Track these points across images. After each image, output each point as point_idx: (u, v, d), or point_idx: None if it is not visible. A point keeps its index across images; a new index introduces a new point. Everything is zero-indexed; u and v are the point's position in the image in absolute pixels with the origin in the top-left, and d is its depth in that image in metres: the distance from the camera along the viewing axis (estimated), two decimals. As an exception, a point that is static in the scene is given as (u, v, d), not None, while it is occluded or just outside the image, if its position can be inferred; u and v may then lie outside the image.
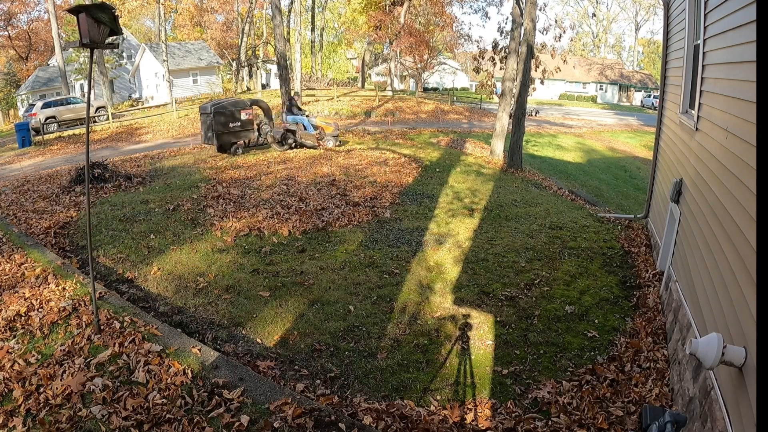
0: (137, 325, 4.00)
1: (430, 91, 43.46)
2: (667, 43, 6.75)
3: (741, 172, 2.76)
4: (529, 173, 12.68)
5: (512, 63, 13.39)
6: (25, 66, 43.71)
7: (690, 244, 4.08)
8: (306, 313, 4.75)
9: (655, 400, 3.48)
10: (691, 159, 4.50)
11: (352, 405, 3.43)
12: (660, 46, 9.01)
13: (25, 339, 3.86)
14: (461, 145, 16.54)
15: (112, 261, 5.92)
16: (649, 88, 50.52)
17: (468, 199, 9.14)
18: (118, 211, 7.70)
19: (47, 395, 3.15)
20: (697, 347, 2.28)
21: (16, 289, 4.72)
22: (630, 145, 23.84)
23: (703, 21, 4.14)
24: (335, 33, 52.81)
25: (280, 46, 15.90)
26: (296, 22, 29.27)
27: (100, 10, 3.37)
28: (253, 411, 3.06)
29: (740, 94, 2.92)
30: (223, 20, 43.75)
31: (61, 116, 22.40)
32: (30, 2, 42.35)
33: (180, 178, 10.05)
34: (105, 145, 18.29)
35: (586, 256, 6.36)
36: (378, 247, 6.45)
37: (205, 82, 36.51)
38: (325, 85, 39.70)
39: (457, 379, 3.89)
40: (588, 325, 4.66)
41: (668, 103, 6.49)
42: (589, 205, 10.02)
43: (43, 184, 10.21)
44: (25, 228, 6.96)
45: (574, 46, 62.08)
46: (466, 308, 4.98)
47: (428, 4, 33.26)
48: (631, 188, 15.27)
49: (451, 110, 28.52)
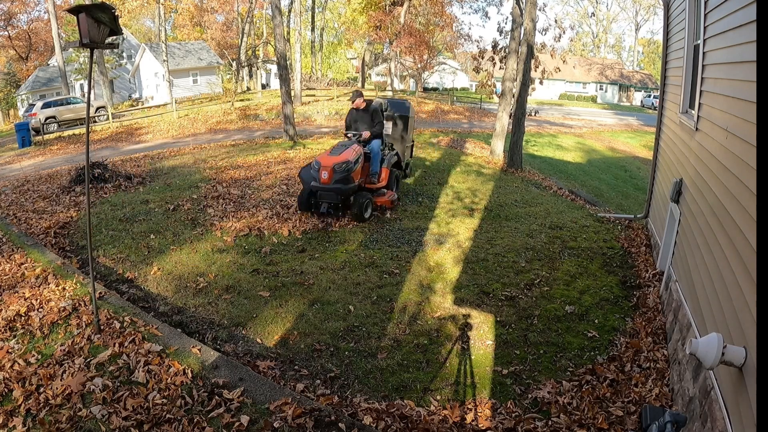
0: (137, 325, 4.00)
1: (430, 91, 43.47)
2: (667, 43, 6.75)
3: (741, 172, 2.76)
4: (529, 173, 12.68)
5: (512, 63, 13.39)
6: (25, 66, 43.72)
7: (690, 244, 4.08)
8: (306, 313, 4.75)
9: (655, 400, 3.48)
10: (691, 159, 4.50)
11: (352, 405, 3.43)
12: (660, 46, 9.01)
13: (25, 339, 3.86)
14: (461, 145, 16.54)
15: (112, 261, 5.92)
16: (649, 88, 50.54)
17: (468, 199, 9.14)
18: (118, 211, 7.70)
19: (47, 395, 3.15)
20: (697, 347, 2.28)
21: (16, 289, 4.72)
22: (630, 145, 23.85)
23: (703, 21, 4.14)
24: (335, 33, 52.84)
25: (280, 46, 15.89)
26: (296, 22, 29.29)
27: (100, 10, 3.37)
28: (253, 411, 3.06)
29: (740, 94, 2.92)
30: (223, 20, 43.77)
31: (61, 116, 22.42)
32: (30, 2, 42.39)
33: (180, 178, 10.05)
34: (105, 145, 18.30)
35: (586, 256, 6.36)
36: (378, 247, 6.45)
37: (205, 82, 36.54)
38: (325, 85, 39.73)
39: (457, 379, 3.88)
40: (588, 325, 4.66)
41: (668, 103, 6.49)
42: (589, 205, 10.02)
43: (43, 184, 10.21)
44: (25, 228, 6.97)
45: (574, 46, 62.10)
46: (466, 308, 4.98)
47: (428, 4, 33.27)
48: (631, 188, 15.27)
49: (451, 110, 28.54)
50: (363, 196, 7.29)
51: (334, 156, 7.04)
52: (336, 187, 6.94)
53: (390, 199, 7.88)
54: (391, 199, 7.92)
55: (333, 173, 6.89)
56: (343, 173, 6.94)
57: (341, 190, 6.96)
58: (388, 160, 8.05)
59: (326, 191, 7.01)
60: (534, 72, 14.07)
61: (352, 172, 7.03)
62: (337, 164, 6.92)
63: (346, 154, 7.03)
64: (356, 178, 7.17)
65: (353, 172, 7.05)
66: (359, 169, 7.25)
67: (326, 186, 6.97)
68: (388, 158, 8.07)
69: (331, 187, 6.95)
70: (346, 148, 7.17)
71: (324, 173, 6.95)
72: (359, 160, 7.22)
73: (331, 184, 6.94)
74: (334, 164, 6.93)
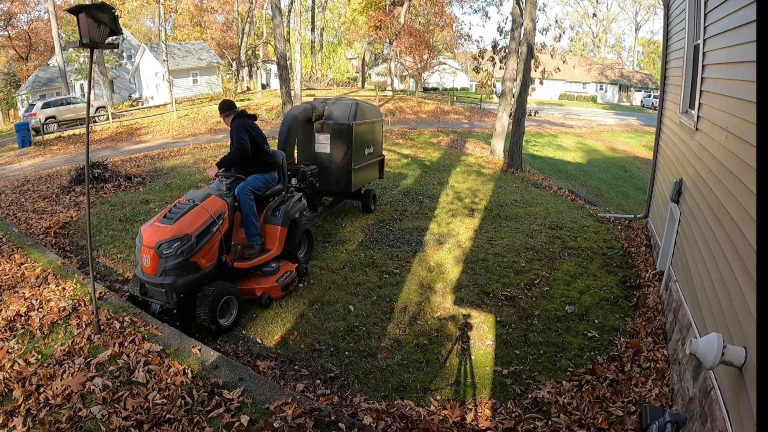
0: (137, 325, 4.00)
1: (430, 91, 43.47)
2: (667, 43, 6.75)
3: (741, 172, 2.76)
4: (529, 173, 12.68)
5: (512, 63, 13.39)
6: (25, 66, 43.71)
7: (690, 244, 4.08)
8: (306, 313, 4.75)
9: (655, 400, 3.48)
10: (691, 159, 4.50)
11: (352, 405, 3.43)
12: (660, 46, 9.01)
13: (25, 339, 3.86)
14: (461, 145, 16.55)
15: (112, 261, 5.92)
16: (649, 88, 50.54)
17: (468, 199, 9.14)
18: (118, 211, 7.71)
19: (47, 395, 3.15)
20: (697, 347, 2.28)
21: (16, 289, 4.73)
22: (630, 145, 23.85)
23: (703, 21, 4.14)
24: (335, 33, 52.83)
25: (280, 46, 15.90)
26: (296, 22, 29.26)
27: (100, 10, 3.37)
28: (253, 411, 3.07)
29: (740, 94, 2.92)
30: (223, 20, 43.77)
31: (61, 116, 22.41)
32: (30, 2, 42.37)
33: (180, 178, 10.06)
34: (105, 145, 18.30)
35: (586, 256, 6.36)
36: (378, 247, 6.45)
37: (205, 82, 36.53)
38: (325, 85, 39.72)
39: (457, 379, 3.88)
40: (588, 325, 4.66)
41: (668, 103, 6.49)
42: (589, 205, 10.02)
43: (43, 184, 10.21)
44: (25, 228, 6.97)
45: (574, 46, 62.14)
46: (466, 308, 4.98)
47: (428, 4, 33.26)
48: (631, 188, 15.27)
49: (452, 110, 28.53)
50: (216, 290, 4.27)
51: (165, 225, 4.24)
52: (165, 282, 4.16)
53: (281, 282, 4.92)
54: (284, 281, 4.94)
55: (159, 258, 4.12)
56: (176, 258, 4.13)
57: (174, 286, 4.18)
58: (285, 210, 5.24)
59: (153, 286, 4.27)
60: (534, 72, 14.08)
61: (193, 254, 4.22)
62: (165, 243, 4.13)
63: (183, 223, 4.25)
64: (204, 262, 4.35)
65: (195, 255, 4.24)
66: (212, 244, 4.41)
67: (150, 279, 4.21)
68: (285, 207, 5.28)
69: (155, 282, 4.19)
70: (189, 209, 4.39)
71: (146, 258, 4.17)
72: (213, 228, 4.40)
73: (157, 276, 4.16)
74: (159, 243, 4.13)
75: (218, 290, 4.28)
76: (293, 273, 5.11)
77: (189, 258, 4.19)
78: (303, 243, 5.78)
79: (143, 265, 4.22)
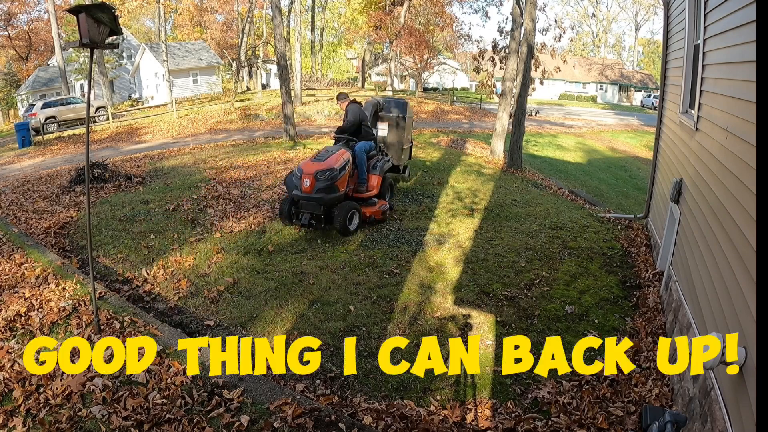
0: (137, 325, 4.00)
1: (430, 91, 43.48)
2: (667, 43, 6.75)
3: (741, 172, 2.76)
4: (529, 173, 12.68)
5: (512, 63, 13.39)
6: (25, 66, 43.72)
7: (690, 244, 4.08)
8: (306, 313, 4.75)
9: (655, 400, 3.48)
10: (691, 159, 4.50)
11: (352, 405, 3.43)
12: (660, 46, 9.02)
13: (25, 339, 3.86)
14: (461, 145, 16.55)
15: (112, 261, 5.92)
16: (649, 88, 50.54)
17: (468, 199, 9.14)
18: (118, 211, 7.70)
19: (47, 395, 3.15)
20: (697, 347, 2.28)
21: (16, 289, 4.72)
22: (630, 145, 23.86)
23: (703, 21, 4.14)
24: (335, 33, 52.85)
25: (280, 46, 15.88)
26: (296, 22, 29.28)
27: (100, 10, 3.38)
28: (253, 411, 3.07)
29: (740, 94, 2.92)
30: (223, 20, 43.79)
31: (61, 116, 22.42)
32: (30, 2, 42.40)
33: (180, 178, 10.05)
34: (105, 145, 18.30)
35: (586, 256, 6.36)
36: (378, 247, 6.45)
37: (205, 82, 36.55)
38: (325, 85, 39.73)
39: (457, 379, 3.88)
40: (588, 325, 4.66)
41: (668, 103, 6.49)
42: (589, 205, 10.02)
43: (43, 184, 10.21)
44: (25, 228, 6.97)
45: (574, 46, 62.10)
46: (466, 308, 4.98)
47: (428, 4, 33.28)
48: (631, 188, 15.27)
49: (452, 110, 28.55)
50: (348, 206, 6.62)
51: (318, 162, 6.51)
52: (318, 197, 6.36)
53: (381, 209, 7.20)
54: (382, 210, 7.22)
55: (315, 181, 6.35)
56: (326, 182, 6.37)
57: (324, 200, 6.38)
58: (381, 166, 7.46)
59: (308, 201, 6.42)
60: (534, 72, 14.09)
61: (337, 180, 6.45)
62: (320, 171, 6.38)
63: (331, 161, 6.52)
64: (342, 187, 6.59)
65: (338, 181, 6.47)
66: (346, 176, 6.68)
67: (308, 195, 6.39)
68: (381, 164, 7.49)
69: (312, 197, 6.37)
70: (331, 154, 6.65)
71: (306, 181, 6.39)
72: (346, 167, 6.65)
73: (313, 193, 6.36)
74: (317, 171, 6.37)
75: (348, 205, 6.66)
76: (387, 206, 7.43)
77: (334, 183, 6.44)
78: (389, 190, 8.02)
79: (302, 187, 6.42)
